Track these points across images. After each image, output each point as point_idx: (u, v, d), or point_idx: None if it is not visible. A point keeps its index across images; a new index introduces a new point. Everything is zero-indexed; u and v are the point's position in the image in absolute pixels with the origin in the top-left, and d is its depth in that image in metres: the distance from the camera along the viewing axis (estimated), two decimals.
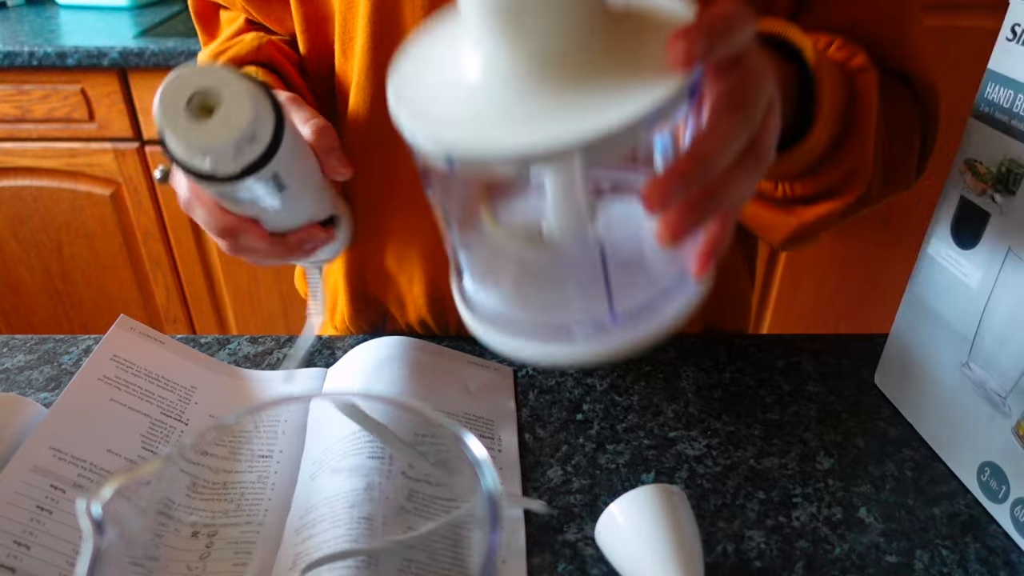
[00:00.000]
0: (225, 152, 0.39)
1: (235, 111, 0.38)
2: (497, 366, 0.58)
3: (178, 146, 0.38)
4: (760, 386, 0.57)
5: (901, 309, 0.53)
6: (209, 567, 0.35)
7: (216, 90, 0.38)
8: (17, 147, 1.36)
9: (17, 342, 0.61)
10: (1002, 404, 0.44)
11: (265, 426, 0.42)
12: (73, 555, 0.40)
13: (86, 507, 0.25)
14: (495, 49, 0.29)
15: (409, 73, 0.33)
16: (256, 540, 0.39)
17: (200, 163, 0.39)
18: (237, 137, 0.38)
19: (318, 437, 0.46)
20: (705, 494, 0.48)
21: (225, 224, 0.46)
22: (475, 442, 0.26)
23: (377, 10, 0.52)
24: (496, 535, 0.23)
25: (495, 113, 0.29)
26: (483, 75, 0.30)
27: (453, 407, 0.53)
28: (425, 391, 0.53)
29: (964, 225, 0.47)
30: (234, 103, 0.38)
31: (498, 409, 0.54)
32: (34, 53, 1.24)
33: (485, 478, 0.25)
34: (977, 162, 0.45)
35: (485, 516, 0.23)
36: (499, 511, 0.23)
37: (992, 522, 0.46)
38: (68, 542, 0.40)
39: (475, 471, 0.25)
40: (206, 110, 0.38)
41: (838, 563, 0.43)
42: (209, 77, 0.38)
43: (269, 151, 0.40)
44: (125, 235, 1.46)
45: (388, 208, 0.59)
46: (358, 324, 0.67)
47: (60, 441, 0.44)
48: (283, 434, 0.45)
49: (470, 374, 0.56)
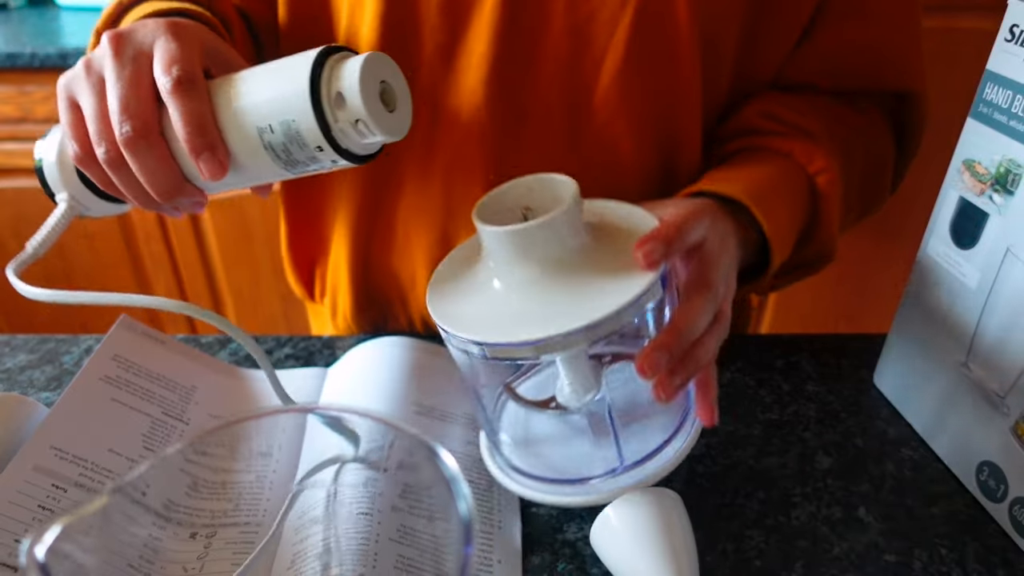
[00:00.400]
0: (374, 142, 0.42)
1: (406, 114, 0.43)
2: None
3: (364, 110, 0.39)
4: (760, 386, 0.57)
5: (900, 309, 0.53)
6: (207, 567, 0.35)
7: (396, 88, 0.42)
8: (19, 148, 1.36)
9: (18, 342, 0.61)
10: (1001, 404, 0.44)
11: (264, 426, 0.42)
12: None
13: (29, 550, 0.23)
14: (508, 265, 0.40)
15: (444, 288, 0.43)
16: (255, 541, 0.40)
17: (351, 134, 0.40)
18: (403, 135, 0.43)
19: (316, 437, 0.46)
20: (704, 494, 0.48)
21: (210, 132, 0.39)
22: (449, 458, 0.26)
23: (388, 10, 0.51)
24: (470, 549, 0.23)
25: (513, 312, 0.39)
26: (501, 284, 0.41)
27: (453, 407, 0.53)
28: (424, 393, 0.53)
29: (963, 225, 0.47)
30: (406, 107, 0.43)
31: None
32: (36, 54, 1.24)
33: (458, 494, 0.25)
34: (976, 162, 0.45)
35: (459, 531, 0.24)
36: (472, 528, 0.24)
37: (990, 521, 0.46)
38: None
39: (449, 488, 0.25)
40: (385, 100, 0.41)
41: (837, 562, 0.43)
42: (397, 76, 0.42)
43: (373, 156, 0.44)
44: (126, 235, 1.46)
45: (391, 207, 0.60)
46: (360, 323, 0.67)
47: (62, 440, 0.44)
48: (283, 431, 0.46)
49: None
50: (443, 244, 0.59)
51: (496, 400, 0.49)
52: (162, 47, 0.40)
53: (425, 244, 0.60)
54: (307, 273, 0.70)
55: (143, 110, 0.39)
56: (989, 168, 0.44)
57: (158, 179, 0.40)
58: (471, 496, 0.24)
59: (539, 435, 0.48)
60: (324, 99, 0.39)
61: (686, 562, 0.38)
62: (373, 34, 0.52)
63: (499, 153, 0.54)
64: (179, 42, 0.40)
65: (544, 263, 0.39)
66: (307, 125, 0.39)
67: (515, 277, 0.40)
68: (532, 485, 0.44)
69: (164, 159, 0.40)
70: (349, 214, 0.61)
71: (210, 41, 0.43)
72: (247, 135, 0.40)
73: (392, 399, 0.51)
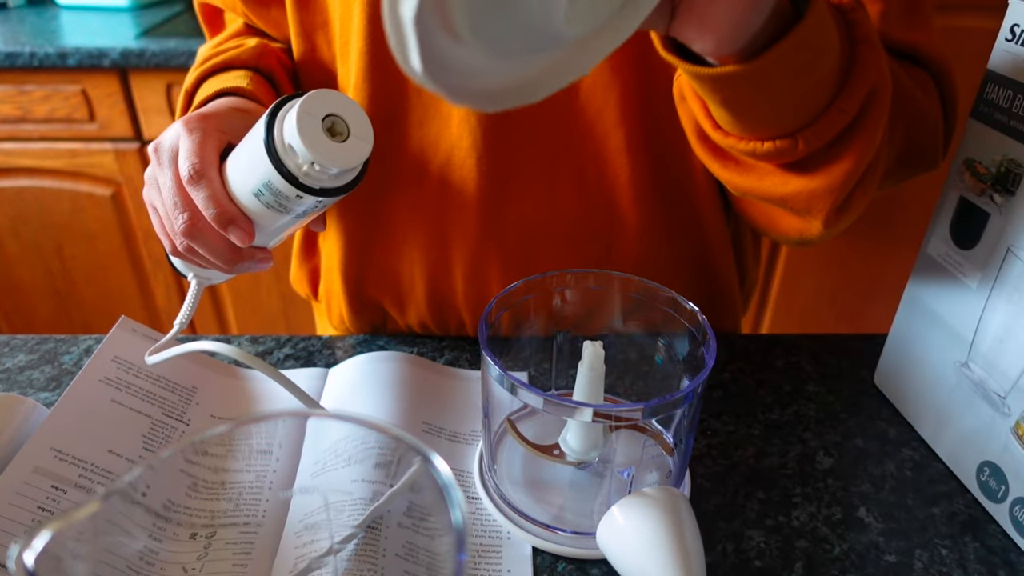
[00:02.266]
0: (342, 172, 0.43)
1: (363, 138, 0.43)
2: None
3: (309, 154, 0.41)
4: (760, 386, 0.57)
5: (900, 309, 0.53)
6: (207, 568, 0.35)
7: (345, 117, 0.42)
8: (18, 147, 1.36)
9: (18, 342, 0.61)
10: (1001, 404, 0.44)
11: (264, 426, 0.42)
12: None
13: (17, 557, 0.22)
14: None
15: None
16: (255, 541, 0.40)
17: (314, 174, 0.42)
18: (362, 161, 0.43)
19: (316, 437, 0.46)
20: (705, 494, 0.48)
21: (226, 210, 0.45)
22: (443, 465, 0.26)
23: (373, 14, 0.52)
24: (463, 557, 0.23)
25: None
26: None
27: (456, 424, 0.53)
28: (426, 405, 0.53)
29: (963, 225, 0.47)
30: (362, 131, 0.43)
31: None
32: (35, 54, 1.24)
33: (452, 502, 0.25)
34: (976, 162, 0.45)
35: (452, 539, 0.24)
36: (465, 536, 0.24)
37: (991, 521, 0.46)
38: None
39: (443, 495, 0.25)
40: (334, 132, 0.42)
41: (837, 563, 0.43)
42: (344, 104, 0.42)
43: (357, 179, 0.45)
44: (126, 235, 1.46)
45: (388, 211, 0.60)
46: (358, 325, 0.67)
47: (61, 442, 0.44)
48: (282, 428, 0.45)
49: (475, 389, 0.56)
50: (441, 249, 0.59)
51: (497, 430, 0.49)
52: (182, 146, 0.45)
53: (421, 246, 0.60)
54: (311, 272, 0.71)
55: (188, 203, 0.45)
56: (990, 168, 0.44)
57: (218, 254, 0.47)
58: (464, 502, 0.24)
59: (539, 479, 0.48)
60: (280, 154, 0.42)
61: (695, 560, 0.38)
62: (359, 40, 0.53)
63: (492, 153, 0.54)
64: (193, 136, 0.45)
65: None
66: (278, 181, 0.42)
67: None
68: (524, 523, 0.44)
69: (216, 238, 0.46)
70: (343, 216, 0.61)
71: (229, 120, 0.48)
72: (251, 201, 0.45)
73: (398, 415, 0.51)
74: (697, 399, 0.41)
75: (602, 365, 0.45)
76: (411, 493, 0.30)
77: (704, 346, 0.43)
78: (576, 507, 0.46)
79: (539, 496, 0.46)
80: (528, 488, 0.47)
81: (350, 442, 0.44)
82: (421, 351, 0.60)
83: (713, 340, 0.42)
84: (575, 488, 0.47)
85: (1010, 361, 0.43)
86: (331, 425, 0.35)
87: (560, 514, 0.45)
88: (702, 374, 0.39)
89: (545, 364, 0.53)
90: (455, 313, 0.63)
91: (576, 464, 0.47)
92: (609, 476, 0.47)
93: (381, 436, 0.31)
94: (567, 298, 0.49)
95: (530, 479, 0.48)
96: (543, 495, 0.47)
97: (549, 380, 0.53)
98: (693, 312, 0.45)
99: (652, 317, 0.48)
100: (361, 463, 0.42)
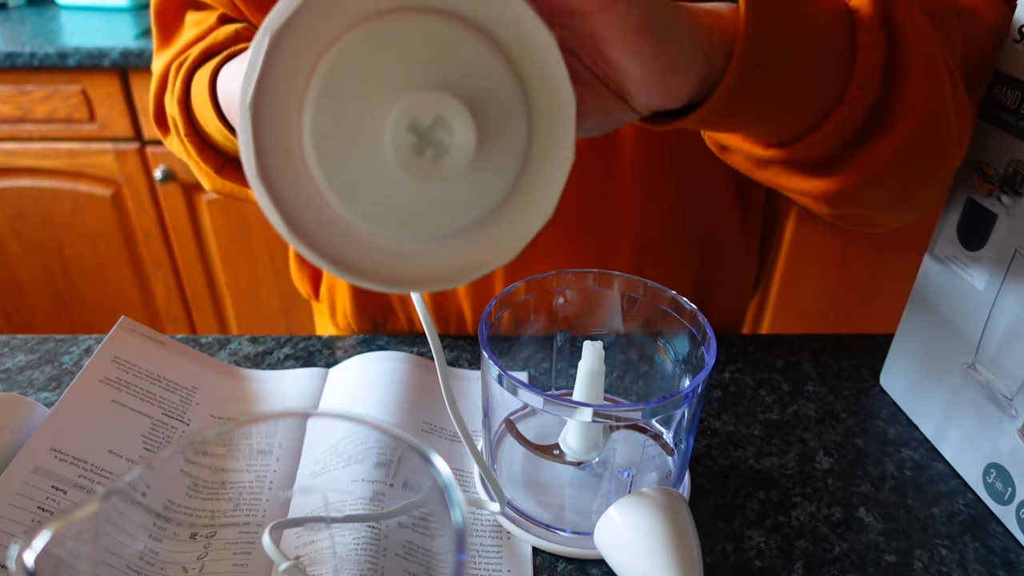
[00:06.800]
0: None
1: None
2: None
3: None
4: (760, 386, 0.57)
5: (907, 310, 0.53)
6: (207, 568, 0.35)
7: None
8: (18, 147, 1.36)
9: (18, 342, 0.61)
10: (1008, 406, 0.44)
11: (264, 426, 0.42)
12: None
13: (17, 557, 0.22)
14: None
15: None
16: (255, 541, 0.39)
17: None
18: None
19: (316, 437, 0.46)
20: (705, 494, 0.47)
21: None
22: (443, 464, 0.26)
23: None
24: (463, 556, 0.23)
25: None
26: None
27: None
28: (426, 405, 0.53)
29: (971, 226, 0.47)
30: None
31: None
32: (35, 54, 1.24)
33: (452, 501, 0.25)
34: (984, 163, 0.45)
35: (452, 539, 0.24)
36: (465, 536, 0.24)
37: (991, 521, 0.46)
38: None
39: (443, 494, 0.25)
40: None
41: (837, 563, 0.43)
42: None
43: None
44: (126, 235, 1.46)
45: None
46: (360, 321, 0.67)
47: (61, 442, 0.44)
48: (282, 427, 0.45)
49: (475, 389, 0.56)
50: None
51: (497, 430, 0.49)
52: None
53: None
54: (312, 271, 0.71)
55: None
56: (997, 169, 0.44)
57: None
58: (464, 502, 0.24)
59: (537, 477, 0.48)
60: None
61: (693, 560, 0.38)
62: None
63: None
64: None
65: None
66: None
67: None
68: (525, 525, 0.44)
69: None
70: None
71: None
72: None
73: (399, 415, 0.51)
74: (697, 399, 0.41)
75: (602, 365, 0.45)
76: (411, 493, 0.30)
77: (704, 346, 0.43)
78: (576, 507, 0.46)
79: (539, 496, 0.46)
80: (528, 488, 0.47)
81: (350, 442, 0.44)
82: (421, 351, 0.60)
83: (713, 340, 0.42)
84: (575, 488, 0.47)
85: (1017, 363, 0.43)
86: (331, 425, 0.35)
87: (560, 514, 0.45)
88: (702, 374, 0.39)
89: (545, 364, 0.53)
90: (455, 311, 0.63)
91: (576, 464, 0.47)
92: (609, 476, 0.47)
93: (381, 436, 0.31)
94: (567, 298, 0.49)
95: (530, 479, 0.48)
96: (543, 495, 0.47)
97: (549, 380, 0.53)
98: (693, 312, 0.45)
99: (652, 317, 0.48)
100: (361, 463, 0.42)
